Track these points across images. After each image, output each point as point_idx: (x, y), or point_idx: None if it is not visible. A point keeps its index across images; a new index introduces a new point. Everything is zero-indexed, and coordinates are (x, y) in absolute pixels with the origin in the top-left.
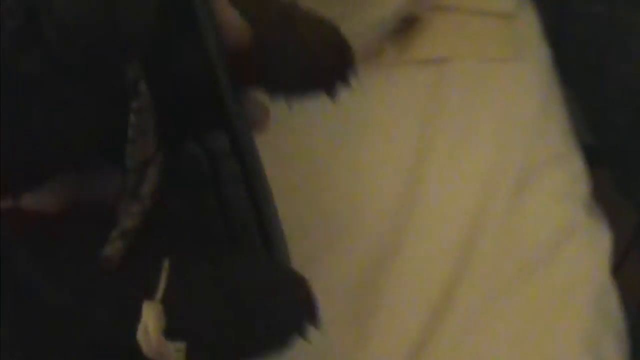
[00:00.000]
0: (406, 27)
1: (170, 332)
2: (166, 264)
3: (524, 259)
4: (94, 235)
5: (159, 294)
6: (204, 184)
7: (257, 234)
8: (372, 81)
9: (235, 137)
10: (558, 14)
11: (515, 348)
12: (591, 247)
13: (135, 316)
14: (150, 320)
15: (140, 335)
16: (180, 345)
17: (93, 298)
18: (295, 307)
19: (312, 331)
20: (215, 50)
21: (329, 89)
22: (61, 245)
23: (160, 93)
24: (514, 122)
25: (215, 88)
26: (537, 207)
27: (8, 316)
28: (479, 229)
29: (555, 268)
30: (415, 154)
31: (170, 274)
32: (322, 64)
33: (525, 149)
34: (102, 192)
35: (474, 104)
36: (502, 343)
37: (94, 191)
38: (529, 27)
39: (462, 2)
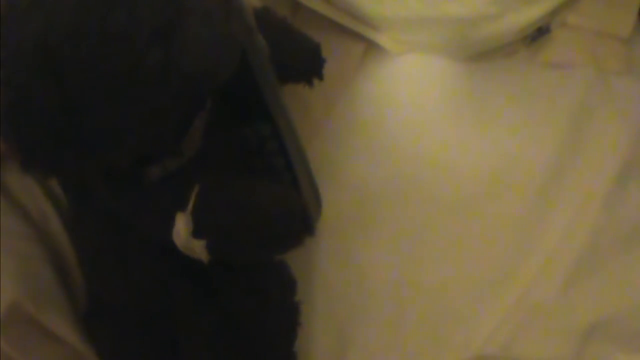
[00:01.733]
0: (538, 35)
1: (196, 233)
2: (197, 187)
3: (624, 233)
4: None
5: (189, 207)
6: (251, 154)
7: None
8: (503, 76)
9: (276, 124)
10: None
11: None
12: None
13: (171, 222)
14: (180, 225)
15: (174, 236)
16: (203, 242)
17: (145, 210)
18: (292, 219)
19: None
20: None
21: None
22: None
23: (224, 95)
24: (623, 122)
25: (260, 93)
26: (637, 192)
27: (92, 223)
28: (589, 200)
29: None
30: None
31: (198, 194)
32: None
33: (631, 144)
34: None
35: (589, 104)
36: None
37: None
38: None
39: (586, 22)
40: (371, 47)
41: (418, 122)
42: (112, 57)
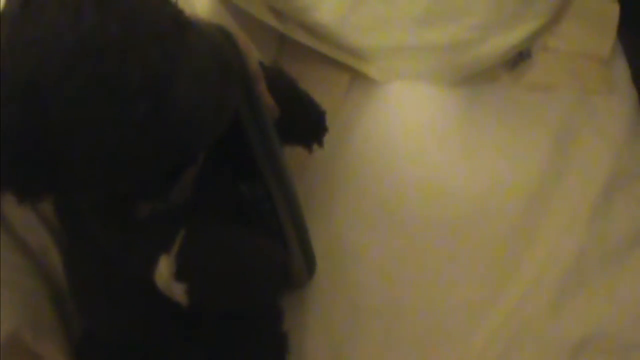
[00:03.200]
0: (519, 60)
1: (178, 276)
2: (182, 231)
3: (610, 248)
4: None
5: (174, 249)
6: (246, 212)
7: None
8: (488, 100)
9: (268, 187)
10: None
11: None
12: None
13: (154, 262)
14: (163, 267)
15: (156, 276)
16: (184, 286)
17: (131, 248)
18: (272, 271)
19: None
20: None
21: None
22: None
23: (219, 153)
24: (606, 141)
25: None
26: (623, 208)
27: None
28: (574, 218)
29: (635, 256)
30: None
31: (185, 238)
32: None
33: (614, 162)
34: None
35: (572, 125)
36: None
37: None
38: (621, 70)
39: (566, 45)
40: (357, 77)
41: (406, 148)
42: (99, 101)
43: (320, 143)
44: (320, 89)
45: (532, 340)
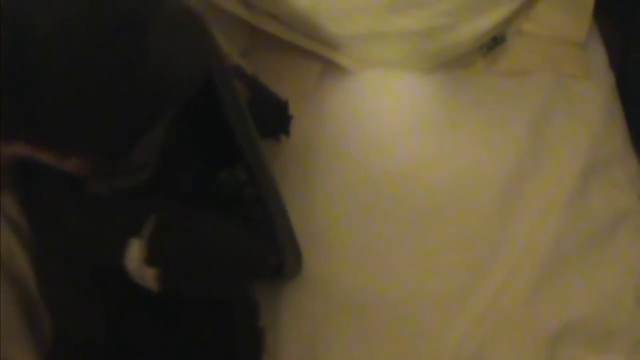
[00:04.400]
0: (494, 45)
1: (150, 261)
2: (155, 215)
3: (587, 234)
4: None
5: (145, 234)
6: (228, 201)
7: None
8: (462, 86)
9: (252, 171)
10: (623, 44)
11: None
12: None
13: (122, 246)
14: (134, 251)
15: (126, 260)
16: (155, 271)
17: (97, 231)
18: (247, 258)
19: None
20: (238, 116)
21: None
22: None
23: (198, 140)
24: (583, 125)
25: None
26: (600, 193)
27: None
28: (551, 204)
29: (613, 242)
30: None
31: (157, 222)
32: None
33: (592, 146)
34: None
35: (549, 109)
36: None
37: None
38: (597, 54)
39: (541, 29)
40: (329, 66)
41: (379, 137)
42: (74, 47)
43: (286, 133)
44: (292, 79)
45: (511, 331)
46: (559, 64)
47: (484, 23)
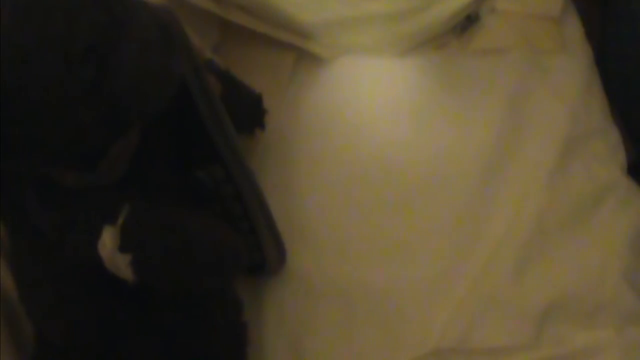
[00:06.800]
0: (468, 24)
1: (122, 247)
2: (127, 205)
3: (570, 210)
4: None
5: (119, 220)
6: (206, 199)
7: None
8: (437, 68)
9: (229, 169)
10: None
11: (561, 285)
12: (628, 201)
13: (97, 235)
14: (107, 237)
15: (99, 247)
16: (129, 257)
17: (70, 224)
18: (223, 249)
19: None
20: (212, 113)
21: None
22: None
23: (173, 139)
24: (561, 101)
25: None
26: (582, 168)
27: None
28: (532, 182)
29: (596, 216)
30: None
31: (130, 210)
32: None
33: (570, 122)
34: None
35: (526, 87)
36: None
37: None
38: (574, 28)
39: (515, 6)
40: (302, 56)
41: (356, 124)
42: (44, 64)
43: (262, 126)
44: (265, 71)
45: (496, 312)
46: (535, 40)
47: (456, 2)
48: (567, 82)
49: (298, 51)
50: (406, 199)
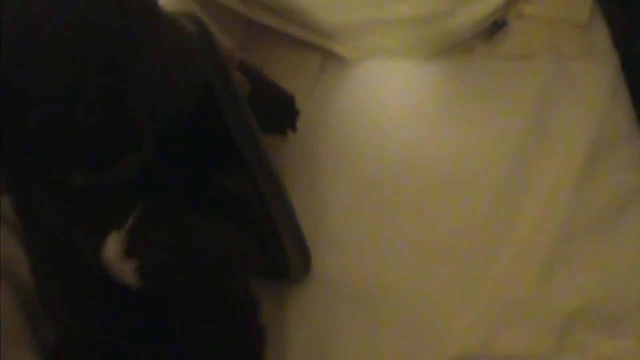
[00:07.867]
0: (495, 30)
1: (130, 252)
2: (137, 210)
3: (595, 216)
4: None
5: (127, 225)
6: (231, 205)
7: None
8: (464, 73)
9: (253, 178)
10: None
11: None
12: None
13: (102, 237)
14: (113, 242)
15: (104, 251)
16: (135, 263)
17: (77, 222)
18: (231, 261)
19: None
20: (236, 118)
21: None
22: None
23: (193, 142)
24: (587, 106)
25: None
26: (607, 174)
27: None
28: (557, 188)
29: (621, 223)
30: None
31: (139, 214)
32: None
33: (596, 127)
34: None
35: (552, 92)
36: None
37: None
38: (600, 34)
39: (542, 12)
40: (329, 57)
41: (381, 127)
42: (60, 73)
43: (293, 128)
44: (292, 71)
45: (519, 317)
46: (561, 45)
47: (483, 7)
48: (593, 88)
49: (324, 53)
50: (430, 202)
